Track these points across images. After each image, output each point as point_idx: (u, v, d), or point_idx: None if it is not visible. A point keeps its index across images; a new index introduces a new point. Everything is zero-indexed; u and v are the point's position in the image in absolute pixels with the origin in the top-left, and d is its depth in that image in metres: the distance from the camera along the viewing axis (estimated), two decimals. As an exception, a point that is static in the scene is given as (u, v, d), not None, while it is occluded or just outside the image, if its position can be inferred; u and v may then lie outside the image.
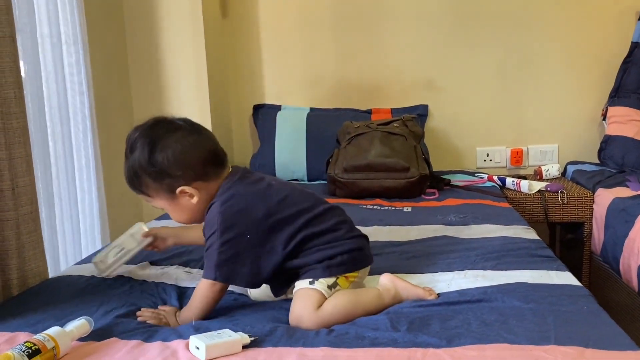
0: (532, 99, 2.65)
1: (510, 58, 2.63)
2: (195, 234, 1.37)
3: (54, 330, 0.99)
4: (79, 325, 1.02)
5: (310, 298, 1.12)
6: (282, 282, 1.21)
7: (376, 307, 1.15)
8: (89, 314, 1.10)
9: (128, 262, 1.42)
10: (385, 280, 1.21)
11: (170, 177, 1.14)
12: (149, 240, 1.38)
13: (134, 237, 1.38)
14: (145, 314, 1.15)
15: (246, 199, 1.16)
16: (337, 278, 1.16)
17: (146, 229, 1.38)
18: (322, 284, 1.14)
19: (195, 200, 1.17)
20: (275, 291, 1.23)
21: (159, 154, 1.14)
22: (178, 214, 1.21)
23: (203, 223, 1.20)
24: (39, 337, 0.96)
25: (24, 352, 0.91)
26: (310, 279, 1.15)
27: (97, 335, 1.05)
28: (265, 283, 1.22)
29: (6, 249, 1.25)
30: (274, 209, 1.16)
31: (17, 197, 1.24)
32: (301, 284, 1.16)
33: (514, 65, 2.63)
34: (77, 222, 1.84)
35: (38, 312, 1.17)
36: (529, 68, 2.63)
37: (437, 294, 1.20)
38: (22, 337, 1.03)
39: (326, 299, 1.13)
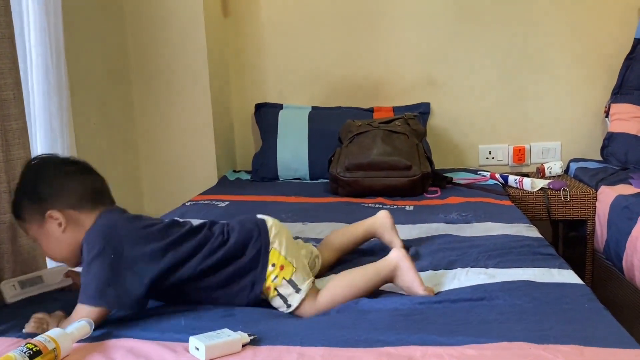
0: (534, 96, 2.64)
1: (512, 55, 2.62)
2: None
3: (54, 332, 0.99)
4: (80, 326, 1.02)
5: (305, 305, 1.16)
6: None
7: (375, 285, 1.21)
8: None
9: None
10: (395, 255, 1.21)
11: (41, 199, 1.15)
12: (69, 281, 1.32)
13: (57, 273, 1.31)
14: (29, 325, 1.11)
15: (113, 221, 1.16)
16: (277, 268, 1.17)
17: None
18: (293, 294, 1.16)
19: (62, 228, 1.15)
20: None
21: (39, 178, 1.17)
22: (46, 244, 1.17)
23: None
24: (40, 338, 0.96)
25: (25, 353, 0.91)
26: (284, 296, 1.16)
27: (97, 337, 1.05)
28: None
29: (1, 252, 1.24)
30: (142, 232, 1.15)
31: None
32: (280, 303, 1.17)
33: (516, 62, 2.62)
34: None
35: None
36: (531, 65, 2.62)
37: (435, 293, 1.20)
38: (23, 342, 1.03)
39: (313, 288, 1.18)
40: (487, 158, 2.69)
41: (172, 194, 2.49)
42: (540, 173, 2.51)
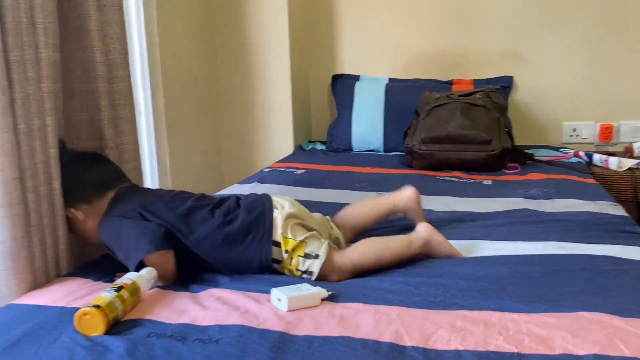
0: (625, 71, 2.49)
1: (602, 26, 2.48)
2: None
3: (129, 274, 1.09)
4: (148, 270, 1.12)
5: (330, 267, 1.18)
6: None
7: (403, 257, 1.23)
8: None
9: None
10: (421, 229, 1.27)
11: (65, 198, 1.25)
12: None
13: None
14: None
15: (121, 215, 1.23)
16: (290, 252, 1.19)
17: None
18: (313, 261, 1.18)
19: (81, 221, 1.26)
20: None
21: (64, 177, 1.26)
22: (80, 233, 1.29)
23: None
24: (119, 280, 1.07)
25: (112, 289, 1.02)
26: (306, 270, 1.18)
27: (177, 288, 1.13)
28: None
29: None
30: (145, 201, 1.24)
31: (121, 154, 1.36)
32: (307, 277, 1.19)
33: (606, 34, 2.48)
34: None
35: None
36: (623, 37, 2.47)
37: None
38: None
39: (334, 252, 1.20)
40: (570, 135, 2.58)
41: (250, 161, 2.58)
42: (628, 152, 2.38)
